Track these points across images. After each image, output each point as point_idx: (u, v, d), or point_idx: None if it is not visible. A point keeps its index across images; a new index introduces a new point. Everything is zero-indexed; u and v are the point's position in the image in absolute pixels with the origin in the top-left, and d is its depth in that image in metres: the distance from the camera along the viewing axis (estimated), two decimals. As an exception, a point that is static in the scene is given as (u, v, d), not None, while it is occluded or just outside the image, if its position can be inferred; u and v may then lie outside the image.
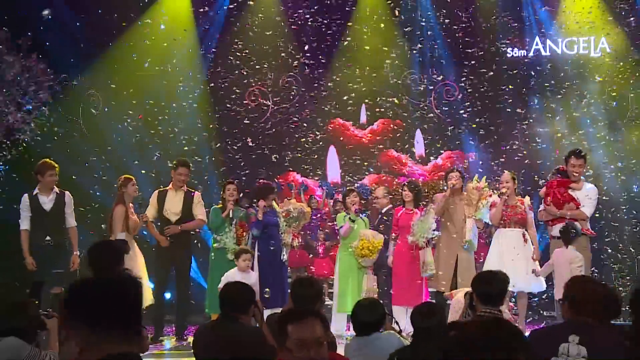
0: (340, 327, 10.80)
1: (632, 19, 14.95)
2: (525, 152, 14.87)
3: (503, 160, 14.70)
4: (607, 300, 5.43)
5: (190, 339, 9.75)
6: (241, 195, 12.16)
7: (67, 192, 10.77)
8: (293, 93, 15.91)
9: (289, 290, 7.81)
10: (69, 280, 10.32)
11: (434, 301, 10.25)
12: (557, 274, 10.15)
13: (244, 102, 15.84)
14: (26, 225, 10.52)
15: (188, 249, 11.50)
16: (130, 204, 10.98)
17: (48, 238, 10.43)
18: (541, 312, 13.07)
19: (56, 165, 10.72)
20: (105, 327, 2.63)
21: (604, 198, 12.92)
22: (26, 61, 13.65)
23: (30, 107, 13.84)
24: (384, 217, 11.66)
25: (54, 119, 14.47)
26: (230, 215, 11.15)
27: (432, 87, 15.79)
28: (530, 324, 11.70)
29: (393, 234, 11.47)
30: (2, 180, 13.68)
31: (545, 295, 12.13)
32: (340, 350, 7.30)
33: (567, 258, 10.11)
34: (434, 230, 10.78)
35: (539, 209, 11.19)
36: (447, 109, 15.71)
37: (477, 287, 6.28)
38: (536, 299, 12.56)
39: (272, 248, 11.15)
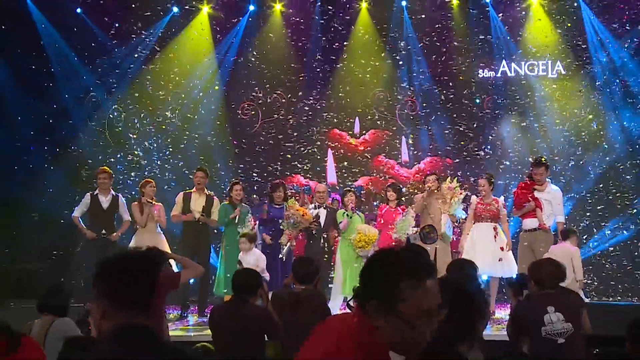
0: (336, 305, 10.47)
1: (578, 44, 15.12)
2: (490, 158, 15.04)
3: (474, 164, 14.90)
4: (557, 272, 6.20)
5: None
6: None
7: (120, 195, 11.33)
8: (297, 107, 15.81)
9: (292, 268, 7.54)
10: None
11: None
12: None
13: (254, 113, 15.85)
14: (77, 213, 11.13)
15: (207, 241, 11.57)
16: (155, 202, 11.12)
17: (104, 232, 10.90)
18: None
19: (107, 170, 11.22)
20: (120, 299, 2.62)
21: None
22: None
23: None
24: (329, 211, 11.39)
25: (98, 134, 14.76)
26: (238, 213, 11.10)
27: (411, 103, 15.82)
28: (500, 303, 11.77)
29: (378, 228, 11.27)
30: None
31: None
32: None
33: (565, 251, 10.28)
34: (413, 227, 10.63)
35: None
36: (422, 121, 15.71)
37: (451, 272, 6.40)
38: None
39: (273, 240, 11.04)
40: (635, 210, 14.25)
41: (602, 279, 13.90)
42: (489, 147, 15.26)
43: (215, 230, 12.15)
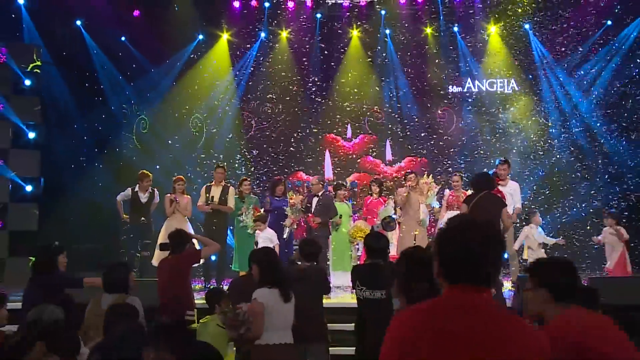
0: (342, 280, 10.64)
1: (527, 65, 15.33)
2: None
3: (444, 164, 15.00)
4: None
5: (225, 287, 9.93)
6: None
7: (156, 189, 11.40)
8: (299, 116, 15.89)
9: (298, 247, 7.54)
10: (153, 247, 10.81)
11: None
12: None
13: (263, 121, 15.88)
14: (119, 198, 11.37)
15: (224, 225, 11.48)
16: (186, 195, 11.21)
17: (143, 219, 11.09)
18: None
19: (150, 174, 11.33)
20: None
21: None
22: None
23: None
24: (320, 198, 11.08)
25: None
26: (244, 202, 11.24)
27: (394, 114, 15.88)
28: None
29: (364, 216, 11.48)
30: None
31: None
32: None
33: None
34: (393, 214, 10.75)
35: None
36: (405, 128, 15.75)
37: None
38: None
39: (276, 226, 10.96)
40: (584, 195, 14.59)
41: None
42: (457, 148, 15.41)
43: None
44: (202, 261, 9.69)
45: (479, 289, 2.25)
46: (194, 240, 8.50)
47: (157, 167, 14.13)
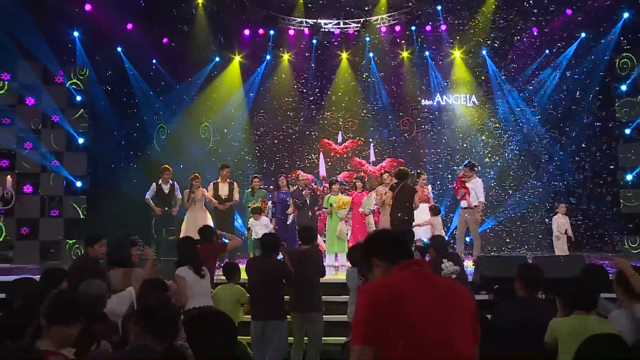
0: (331, 260, 10.48)
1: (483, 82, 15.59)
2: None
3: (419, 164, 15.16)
4: (446, 243, 6.98)
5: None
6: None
7: (175, 182, 11.23)
8: (299, 124, 16.08)
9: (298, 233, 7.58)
10: (176, 232, 10.87)
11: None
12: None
13: (267, 128, 16.03)
14: (148, 196, 11.04)
15: (231, 216, 11.27)
16: (201, 188, 10.88)
17: (166, 208, 10.96)
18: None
19: (170, 168, 11.23)
20: None
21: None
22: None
23: None
24: (309, 191, 10.81)
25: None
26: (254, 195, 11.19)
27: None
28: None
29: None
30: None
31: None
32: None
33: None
34: (374, 204, 10.52)
35: None
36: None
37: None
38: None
39: (284, 214, 10.94)
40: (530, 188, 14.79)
41: (511, 237, 14.45)
42: (428, 151, 15.58)
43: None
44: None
45: (414, 262, 2.31)
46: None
47: (181, 166, 14.13)
